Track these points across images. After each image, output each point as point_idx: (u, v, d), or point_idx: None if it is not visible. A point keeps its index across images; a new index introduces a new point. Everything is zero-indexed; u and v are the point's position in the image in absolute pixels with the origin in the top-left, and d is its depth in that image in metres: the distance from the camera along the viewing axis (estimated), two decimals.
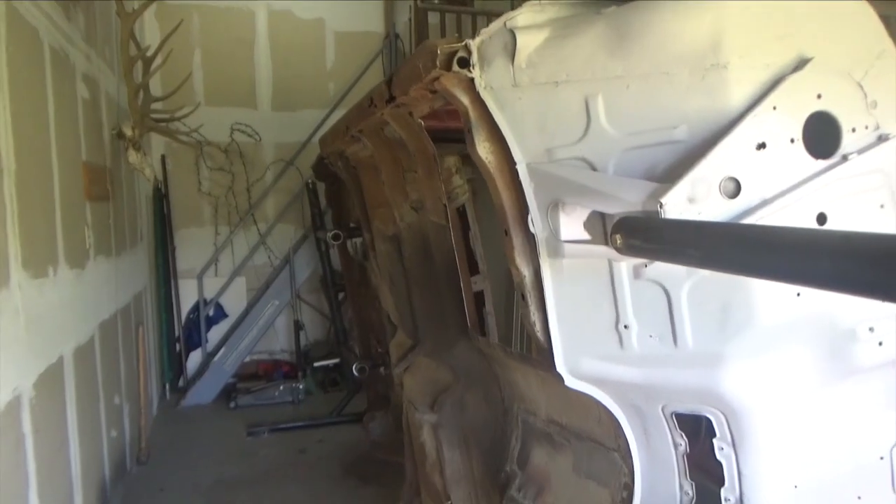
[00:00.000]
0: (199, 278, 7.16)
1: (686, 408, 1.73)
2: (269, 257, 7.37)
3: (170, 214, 6.98)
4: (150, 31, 6.63)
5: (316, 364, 6.85)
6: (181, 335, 7.04)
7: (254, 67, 7.39)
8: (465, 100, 1.69)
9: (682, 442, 1.78)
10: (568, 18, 1.71)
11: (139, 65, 4.96)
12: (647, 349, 1.64)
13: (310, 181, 6.62)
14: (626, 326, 1.64)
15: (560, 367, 1.72)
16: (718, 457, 1.71)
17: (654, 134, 1.62)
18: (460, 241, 1.99)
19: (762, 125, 1.57)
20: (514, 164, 1.69)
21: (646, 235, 1.39)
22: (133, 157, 4.92)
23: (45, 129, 3.30)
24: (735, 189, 1.54)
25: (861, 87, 1.69)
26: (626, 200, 1.49)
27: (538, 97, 1.66)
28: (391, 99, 2.07)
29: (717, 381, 1.64)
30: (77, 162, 3.89)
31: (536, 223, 1.68)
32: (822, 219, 1.63)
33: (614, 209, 1.53)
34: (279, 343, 7.47)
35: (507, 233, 1.75)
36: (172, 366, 6.94)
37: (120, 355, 4.72)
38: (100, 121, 4.58)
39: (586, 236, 1.63)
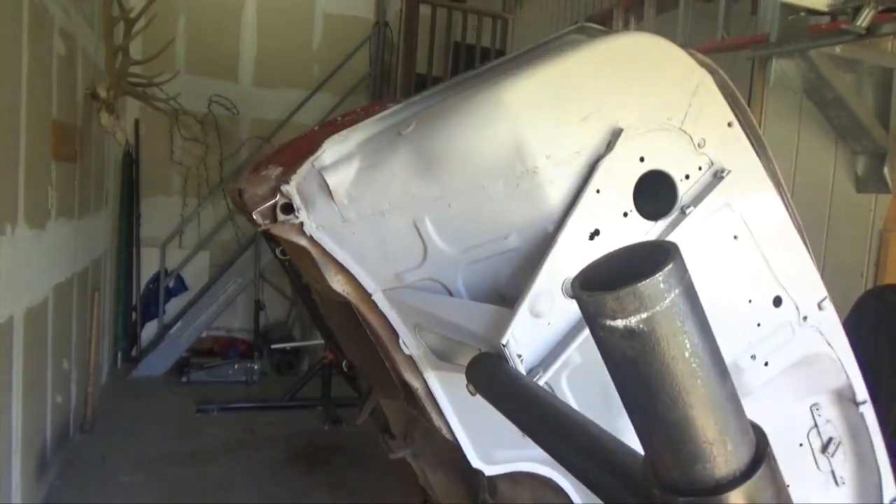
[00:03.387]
0: (163, 248, 7.03)
1: None
2: (235, 234, 7.28)
3: (138, 181, 6.84)
4: None
5: (273, 346, 6.80)
6: (139, 304, 6.91)
7: (238, 40, 7.27)
8: (302, 242, 1.63)
9: None
10: (373, 140, 1.64)
11: (121, 26, 4.85)
12: None
13: None
14: None
15: (475, 462, 1.73)
16: None
17: (489, 246, 1.60)
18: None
19: (590, 214, 1.51)
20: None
21: (489, 394, 1.35)
22: (105, 119, 4.80)
23: (16, 82, 3.22)
24: None
25: (684, 131, 1.62)
26: (476, 333, 1.45)
27: (370, 229, 1.61)
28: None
29: None
30: (47, 119, 3.79)
31: (409, 344, 1.65)
32: None
33: (467, 339, 1.51)
34: (238, 321, 7.39)
35: (387, 353, 1.73)
36: (127, 335, 6.81)
37: (73, 320, 4.62)
38: (74, 79, 4.47)
39: (456, 360, 1.61)
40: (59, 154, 4.01)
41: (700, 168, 1.63)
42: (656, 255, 0.66)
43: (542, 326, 1.45)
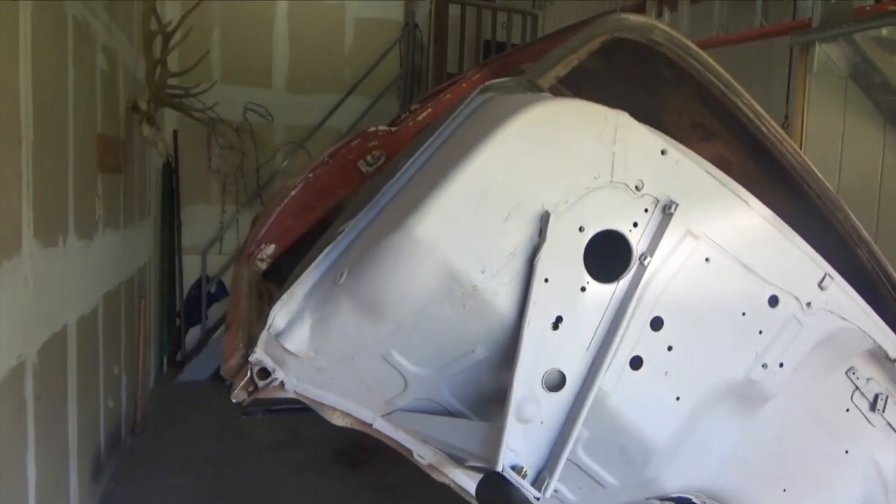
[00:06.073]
0: (203, 255, 7.18)
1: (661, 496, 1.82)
2: None
3: (178, 190, 6.99)
4: (170, 5, 6.62)
5: None
6: (182, 310, 7.07)
7: (271, 48, 7.38)
8: (289, 395, 1.69)
9: None
10: (315, 292, 1.63)
11: (159, 39, 4.96)
12: (585, 496, 1.69)
13: None
14: (556, 491, 1.66)
15: None
16: None
17: (460, 362, 1.59)
18: None
19: (546, 305, 1.47)
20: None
21: None
22: (147, 130, 4.92)
23: (63, 99, 3.32)
24: (559, 378, 1.47)
25: (616, 182, 1.52)
26: (473, 454, 1.48)
27: (346, 372, 1.64)
28: None
29: (660, 491, 1.71)
30: (92, 133, 3.90)
31: (424, 455, 1.71)
32: (657, 323, 1.55)
33: (468, 458, 1.56)
34: None
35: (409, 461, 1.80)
36: (171, 340, 6.97)
37: (121, 327, 4.75)
38: (116, 93, 4.59)
39: (470, 463, 1.66)
40: (105, 167, 4.13)
41: (646, 210, 1.55)
42: None
43: (535, 429, 1.45)
